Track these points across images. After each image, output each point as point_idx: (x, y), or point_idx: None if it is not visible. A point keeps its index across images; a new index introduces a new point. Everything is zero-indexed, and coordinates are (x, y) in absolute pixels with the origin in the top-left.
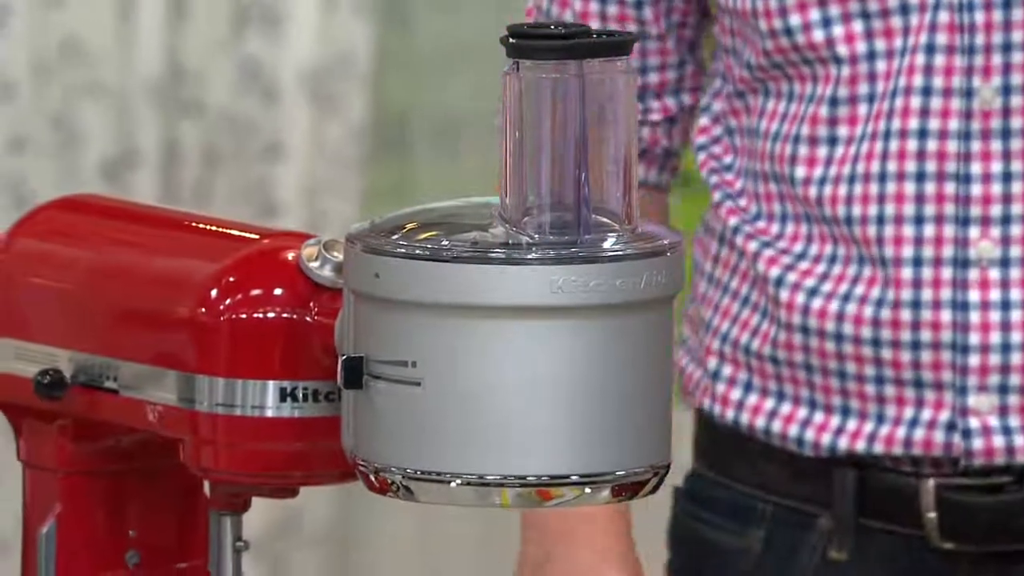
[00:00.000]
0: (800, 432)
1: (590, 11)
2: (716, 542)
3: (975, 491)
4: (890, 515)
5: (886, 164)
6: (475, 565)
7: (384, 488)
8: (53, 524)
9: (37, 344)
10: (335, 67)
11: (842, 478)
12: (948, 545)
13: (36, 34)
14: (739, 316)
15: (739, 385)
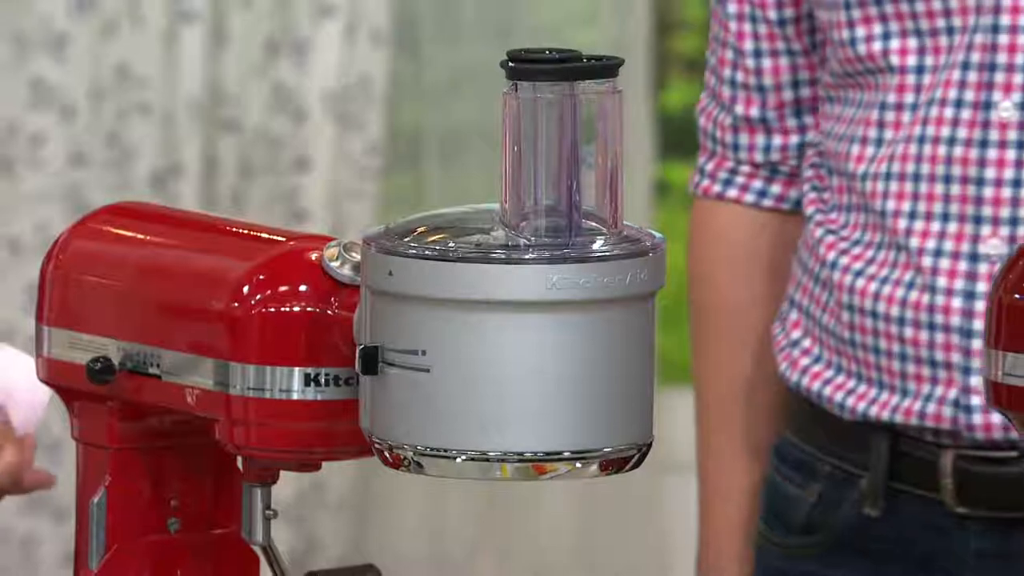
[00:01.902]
0: (844, 398)
1: (744, 31)
2: (785, 490)
3: (985, 462)
4: (915, 480)
5: (920, 166)
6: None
7: (397, 463)
8: (103, 494)
9: (89, 334)
10: (355, 90)
11: (878, 445)
12: (961, 509)
13: (92, 61)
14: (813, 293)
15: (810, 355)
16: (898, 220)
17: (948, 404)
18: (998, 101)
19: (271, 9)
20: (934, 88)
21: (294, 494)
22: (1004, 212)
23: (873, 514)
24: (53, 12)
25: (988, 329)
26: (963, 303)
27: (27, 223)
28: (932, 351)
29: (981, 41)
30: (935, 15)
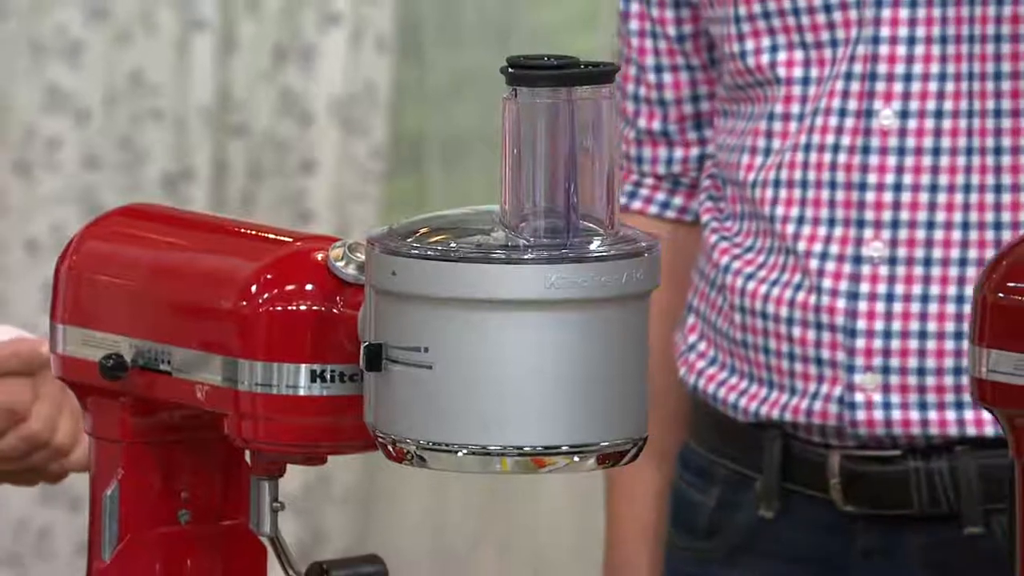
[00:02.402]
0: (737, 399)
1: (646, 47)
2: (688, 495)
3: (870, 462)
4: (806, 481)
5: (806, 173)
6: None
7: (400, 457)
8: (116, 486)
9: (102, 332)
10: (360, 95)
11: (770, 446)
12: (848, 508)
13: (106, 67)
14: (709, 296)
15: (706, 357)
16: (786, 225)
17: (834, 401)
18: (879, 109)
19: (279, 17)
20: (819, 98)
21: (301, 487)
22: (885, 216)
23: (768, 516)
24: (69, 21)
25: (973, 327)
26: (847, 303)
27: (43, 224)
28: (818, 350)
29: (863, 52)
30: (820, 28)
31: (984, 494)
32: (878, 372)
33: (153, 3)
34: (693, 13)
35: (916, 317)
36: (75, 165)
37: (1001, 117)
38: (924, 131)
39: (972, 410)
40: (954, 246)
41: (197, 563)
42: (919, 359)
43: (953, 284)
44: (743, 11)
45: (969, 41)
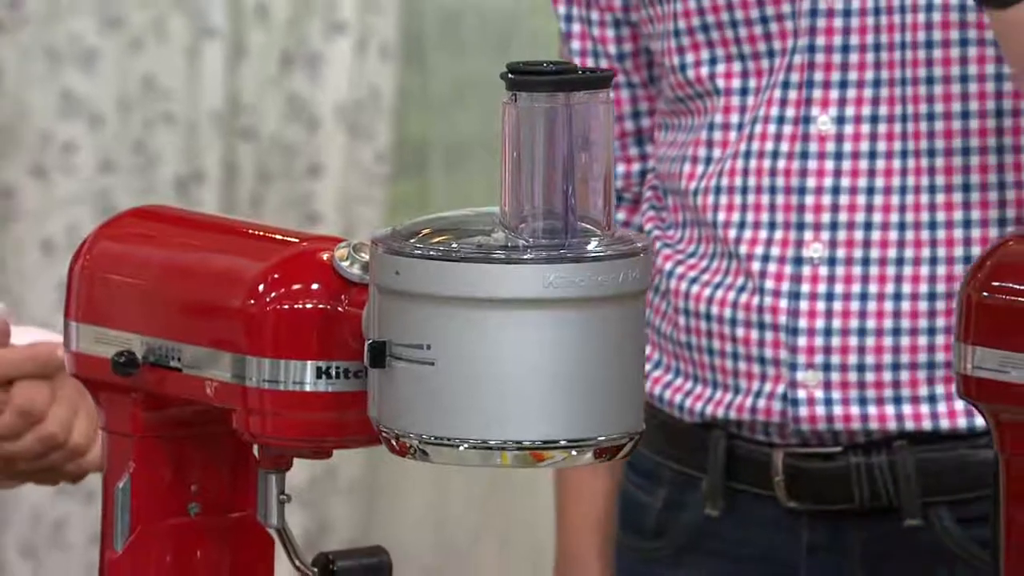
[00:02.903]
0: (682, 400)
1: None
2: (635, 496)
3: (812, 459)
4: (750, 479)
5: (747, 179)
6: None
7: (403, 451)
8: (128, 479)
9: (114, 330)
10: (365, 101)
11: (715, 445)
12: (792, 504)
13: (120, 74)
14: (653, 302)
15: (651, 361)
16: (728, 230)
17: (777, 399)
18: (816, 116)
19: (286, 26)
20: (757, 107)
21: (307, 480)
22: (824, 218)
23: (714, 514)
24: (84, 29)
25: (958, 324)
26: (789, 303)
27: (59, 225)
28: (761, 349)
29: (799, 62)
30: (756, 40)
31: (922, 488)
32: (819, 369)
33: (165, 12)
34: (632, 32)
35: (855, 315)
36: (90, 168)
37: (934, 120)
38: (860, 136)
39: (910, 405)
40: (891, 246)
41: (206, 554)
42: (859, 356)
43: (890, 282)
44: (682, 25)
45: (901, 48)
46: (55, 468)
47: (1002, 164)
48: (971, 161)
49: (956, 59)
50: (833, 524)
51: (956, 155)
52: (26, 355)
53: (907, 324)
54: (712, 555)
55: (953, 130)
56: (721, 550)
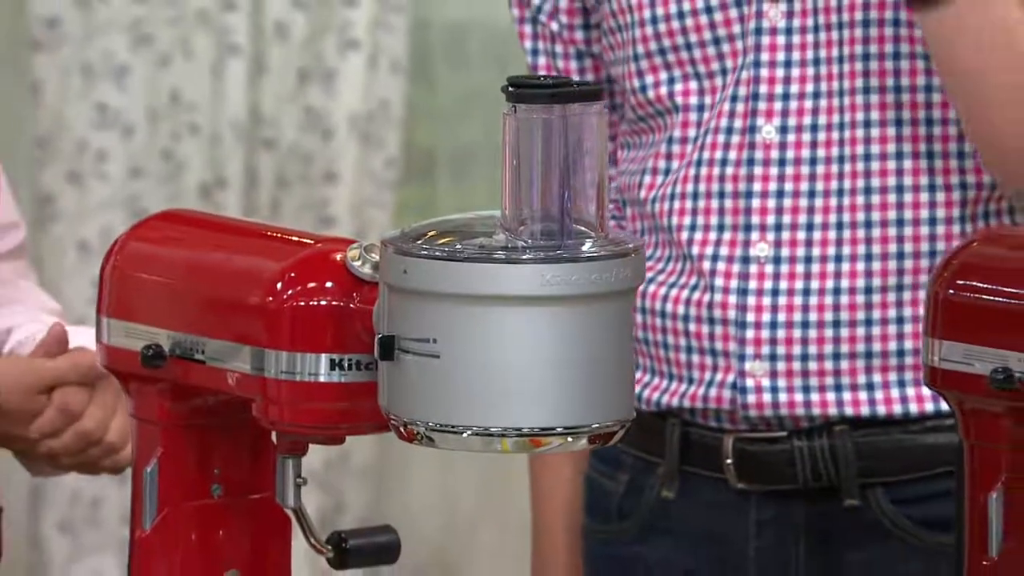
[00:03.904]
0: (641, 391)
1: None
2: (600, 483)
3: (759, 443)
4: (703, 463)
5: (696, 185)
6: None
7: (411, 437)
8: (155, 464)
9: (143, 325)
10: (376, 113)
11: (671, 433)
12: (741, 485)
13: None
14: None
15: None
16: (681, 233)
17: (727, 387)
18: (761, 126)
19: (303, 43)
20: (710, 120)
21: (323, 463)
22: (770, 220)
23: (670, 496)
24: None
25: (926, 320)
26: (737, 299)
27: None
28: (712, 342)
29: (746, 76)
30: (710, 60)
31: (860, 470)
32: (766, 360)
33: (191, 30)
34: (595, 63)
35: (799, 309)
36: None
37: (870, 127)
38: (801, 144)
39: (849, 392)
40: (830, 244)
41: (228, 533)
42: (802, 347)
43: (831, 279)
44: (641, 50)
45: (839, 62)
46: (93, 462)
47: (932, 168)
48: (903, 165)
49: (890, 71)
50: (779, 503)
51: (890, 159)
52: (70, 364)
53: (846, 317)
54: (670, 534)
55: (887, 136)
56: (678, 529)
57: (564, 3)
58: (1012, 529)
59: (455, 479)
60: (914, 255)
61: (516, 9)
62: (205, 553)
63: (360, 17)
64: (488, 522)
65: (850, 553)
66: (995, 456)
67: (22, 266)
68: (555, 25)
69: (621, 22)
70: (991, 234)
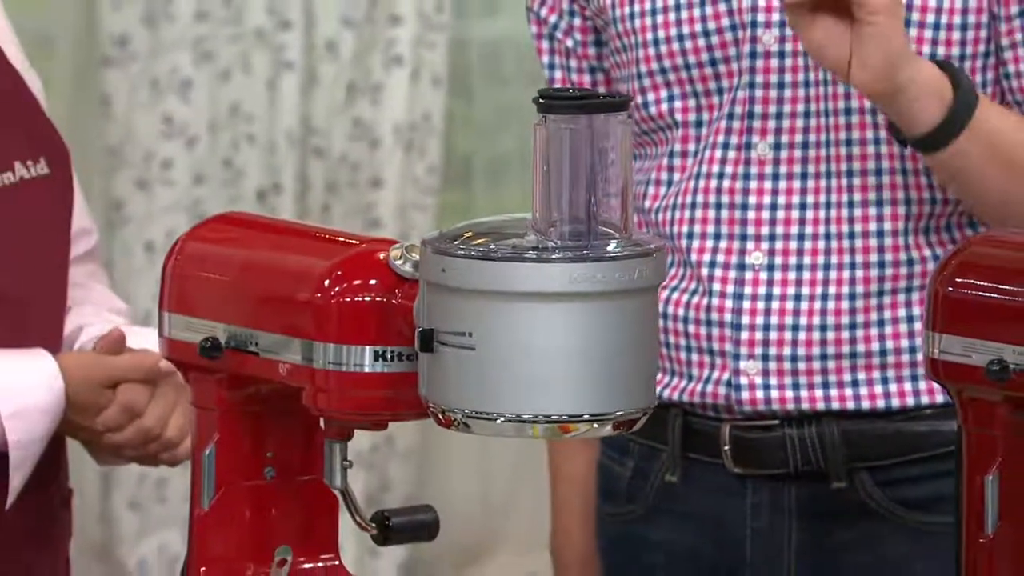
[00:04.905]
0: None
1: None
2: (611, 467)
3: (754, 430)
4: (703, 448)
5: (696, 197)
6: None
7: (449, 423)
8: (213, 448)
9: (201, 319)
10: (419, 123)
11: (673, 422)
12: (737, 469)
13: (211, 101)
14: None
15: None
16: (682, 241)
17: (723, 384)
18: (756, 143)
19: (352, 60)
20: (708, 136)
21: (369, 445)
22: (764, 230)
23: (673, 480)
24: (181, 63)
25: (927, 315)
26: (733, 303)
27: (160, 230)
28: (710, 343)
29: (742, 96)
30: (707, 79)
31: (846, 455)
32: (759, 359)
33: (249, 48)
34: (605, 77)
35: (790, 313)
36: (185, 181)
37: (852, 146)
38: (793, 160)
39: (836, 388)
40: (819, 254)
41: (280, 511)
42: (792, 348)
43: (819, 285)
44: (643, 69)
45: (826, 84)
46: (152, 456)
47: (907, 184)
48: (883, 180)
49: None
50: (772, 486)
51: (870, 175)
52: (133, 362)
53: (832, 321)
54: (674, 515)
55: (868, 154)
56: (681, 511)
57: (578, 22)
58: (1007, 509)
59: (491, 460)
60: (894, 264)
61: (534, 26)
62: (258, 530)
63: (404, 35)
64: (521, 500)
65: (838, 532)
66: (991, 442)
67: (94, 269)
68: (570, 42)
69: (626, 43)
70: (987, 237)
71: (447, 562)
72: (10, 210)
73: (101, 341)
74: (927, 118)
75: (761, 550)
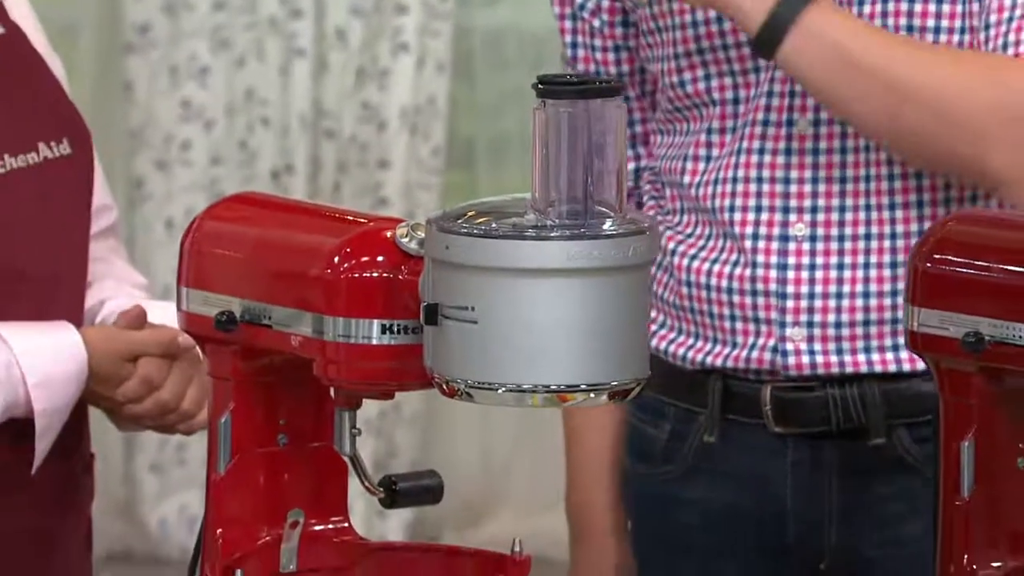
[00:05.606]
0: (685, 353)
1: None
2: (643, 430)
3: (795, 390)
4: (742, 410)
5: (737, 172)
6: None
7: (452, 393)
8: (228, 416)
9: (217, 294)
10: (424, 107)
11: (713, 385)
12: (779, 429)
13: (227, 86)
14: (656, 276)
15: (656, 322)
16: (724, 214)
17: (768, 351)
18: (797, 119)
19: (361, 47)
20: (747, 114)
21: (377, 412)
22: (806, 203)
23: (711, 440)
24: (199, 50)
25: (907, 289)
26: (777, 273)
27: (179, 208)
28: (755, 311)
29: (781, 75)
30: (744, 59)
31: (887, 413)
32: (803, 326)
33: (263, 36)
34: (629, 55)
35: (833, 282)
36: (203, 162)
37: None
38: (833, 135)
39: (877, 353)
40: (860, 225)
41: (292, 476)
42: (836, 315)
43: (861, 255)
44: (681, 49)
45: None
46: (170, 426)
47: None
48: None
49: None
50: (812, 444)
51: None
52: (153, 337)
53: (874, 288)
54: (713, 474)
55: None
56: (719, 470)
57: (606, 3)
58: (982, 474)
59: (492, 429)
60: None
61: (558, 7)
62: (272, 494)
63: (410, 24)
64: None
65: (876, 486)
66: (967, 410)
67: (114, 244)
68: (596, 22)
69: (661, 24)
70: (964, 215)
71: (450, 523)
72: (35, 189)
73: (123, 316)
74: (754, 17)
75: (802, 506)
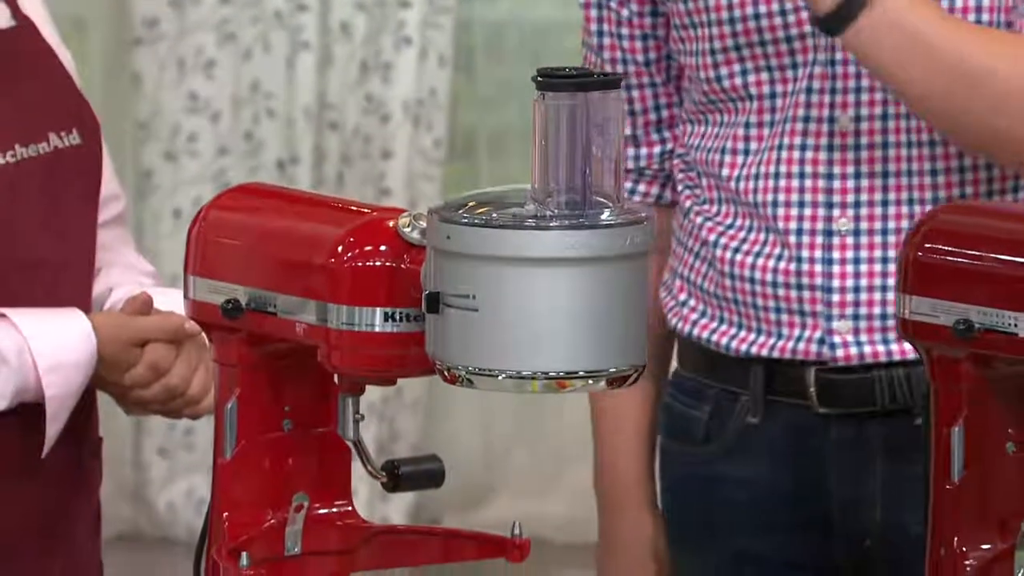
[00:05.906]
0: (728, 342)
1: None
2: (683, 412)
3: (839, 372)
4: (786, 392)
5: (779, 167)
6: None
7: (453, 380)
8: (235, 402)
9: (223, 282)
10: (426, 100)
11: (756, 368)
12: (823, 410)
13: (233, 78)
14: (694, 266)
15: (697, 311)
16: (766, 209)
17: (814, 342)
18: (839, 116)
19: (364, 40)
20: (786, 109)
21: (380, 397)
22: (849, 198)
23: (754, 421)
24: (205, 43)
25: (899, 277)
26: (823, 268)
27: (186, 198)
28: (801, 304)
29: (820, 71)
30: (783, 55)
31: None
32: (850, 319)
33: (269, 29)
34: (656, 43)
35: (878, 275)
36: (210, 153)
37: None
38: (874, 131)
39: None
40: (903, 219)
41: (297, 461)
42: (882, 307)
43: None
44: (717, 44)
45: None
46: (176, 411)
47: None
48: None
49: None
50: (856, 423)
51: (952, 143)
52: (160, 324)
53: None
54: (756, 453)
55: None
56: (762, 449)
57: None
58: (971, 459)
59: (492, 414)
60: None
61: None
62: (277, 478)
63: (413, 18)
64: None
65: (920, 463)
66: (957, 396)
67: (122, 232)
68: (626, 12)
69: (696, 20)
70: (955, 206)
71: (451, 506)
72: (45, 177)
73: (129, 303)
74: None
75: (845, 485)
